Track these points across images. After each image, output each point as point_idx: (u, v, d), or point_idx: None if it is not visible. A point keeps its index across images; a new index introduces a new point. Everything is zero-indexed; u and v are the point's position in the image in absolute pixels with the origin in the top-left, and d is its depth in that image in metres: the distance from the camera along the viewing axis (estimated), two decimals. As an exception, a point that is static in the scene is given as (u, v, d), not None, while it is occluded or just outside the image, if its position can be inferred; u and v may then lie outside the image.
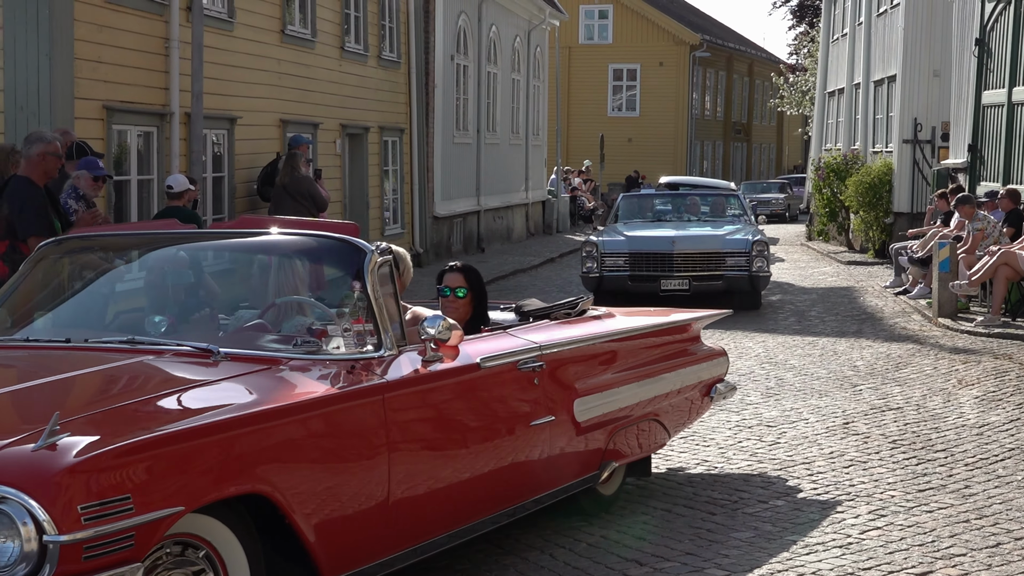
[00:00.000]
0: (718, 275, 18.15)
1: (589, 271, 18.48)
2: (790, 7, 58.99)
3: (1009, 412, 10.80)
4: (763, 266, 18.24)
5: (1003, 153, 19.69)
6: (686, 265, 18.12)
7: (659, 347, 8.16)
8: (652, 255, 18.34)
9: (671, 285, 17.99)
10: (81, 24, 13.66)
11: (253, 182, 18.05)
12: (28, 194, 9.47)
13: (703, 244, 18.52)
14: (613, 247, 18.61)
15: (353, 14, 22.19)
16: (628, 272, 18.33)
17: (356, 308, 5.89)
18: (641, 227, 19.94)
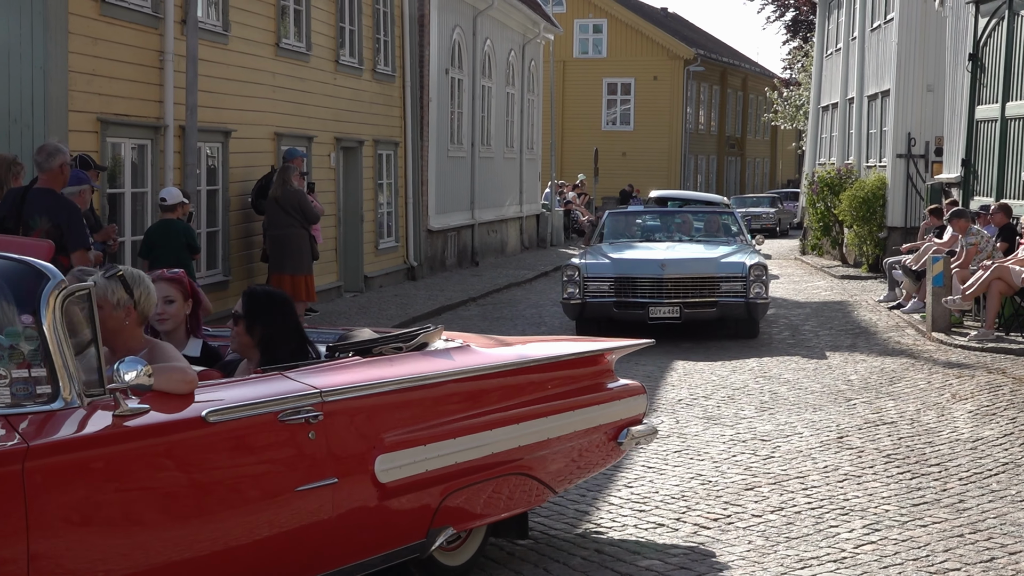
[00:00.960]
0: (711, 301, 16.58)
1: (570, 297, 16.80)
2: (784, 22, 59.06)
3: (1003, 426, 10.80)
4: (761, 292, 16.65)
5: (996, 168, 19.72)
6: (677, 291, 16.55)
7: (535, 386, 6.78)
8: (640, 280, 16.71)
9: (660, 312, 16.44)
10: (76, 37, 13.66)
11: (248, 195, 18.05)
12: (71, 207, 9.66)
13: (695, 268, 16.93)
14: (597, 271, 16.92)
15: (348, 27, 22.22)
16: (613, 298, 16.65)
17: (23, 349, 4.66)
18: (628, 248, 18.40)
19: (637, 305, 16.58)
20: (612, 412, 7.22)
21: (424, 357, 6.39)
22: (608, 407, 7.20)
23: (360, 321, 18.49)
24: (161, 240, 13.29)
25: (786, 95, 50.63)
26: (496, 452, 6.41)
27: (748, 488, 8.81)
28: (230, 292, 17.73)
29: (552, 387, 6.89)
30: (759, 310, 16.85)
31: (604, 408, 7.17)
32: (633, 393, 7.41)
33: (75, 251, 9.58)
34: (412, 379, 6.08)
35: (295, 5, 19.92)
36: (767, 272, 16.94)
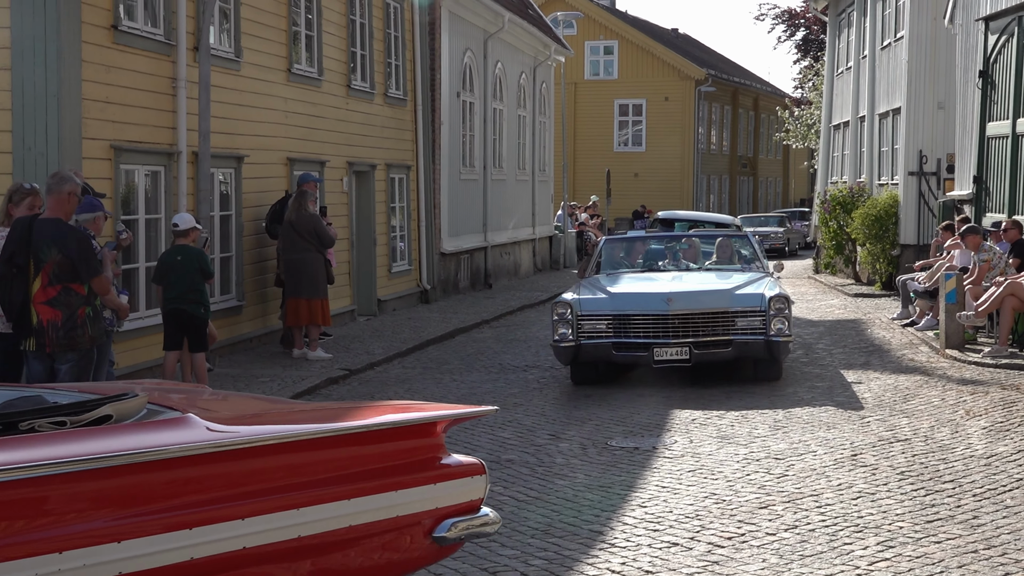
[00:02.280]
0: (726, 340, 14.40)
1: (562, 339, 14.56)
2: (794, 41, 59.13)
3: (1017, 442, 10.79)
4: (783, 328, 14.37)
5: (1008, 184, 19.72)
6: (686, 328, 14.38)
7: (284, 471, 4.88)
8: (642, 317, 14.51)
9: (667, 354, 14.32)
10: (89, 65, 13.76)
11: (261, 220, 18.13)
12: (79, 235, 9.70)
13: (707, 301, 14.66)
14: (592, 307, 14.70)
15: (359, 52, 22.33)
16: (612, 339, 14.50)
17: None
18: (629, 280, 16.14)
19: (640, 346, 14.42)
20: (424, 499, 5.29)
21: (97, 436, 4.63)
22: (414, 494, 5.25)
23: (374, 345, 18.56)
24: (175, 266, 13.35)
25: (797, 114, 50.66)
26: (199, 557, 4.55)
27: (762, 506, 8.82)
28: (244, 317, 17.81)
29: (318, 472, 5.00)
30: (782, 349, 14.54)
31: (407, 495, 5.22)
32: (464, 474, 5.50)
33: (90, 279, 9.64)
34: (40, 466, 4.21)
35: (307, 31, 20.04)
36: (790, 305, 14.65)
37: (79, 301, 9.63)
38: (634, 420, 12.51)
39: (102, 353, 10.59)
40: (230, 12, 17.40)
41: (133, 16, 14.96)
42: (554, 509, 8.94)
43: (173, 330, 13.49)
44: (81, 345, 9.70)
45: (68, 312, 9.62)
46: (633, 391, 14.29)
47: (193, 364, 13.59)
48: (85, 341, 9.70)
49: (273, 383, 15.01)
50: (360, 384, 15.67)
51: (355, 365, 16.70)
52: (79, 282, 9.61)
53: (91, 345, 9.78)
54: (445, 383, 15.57)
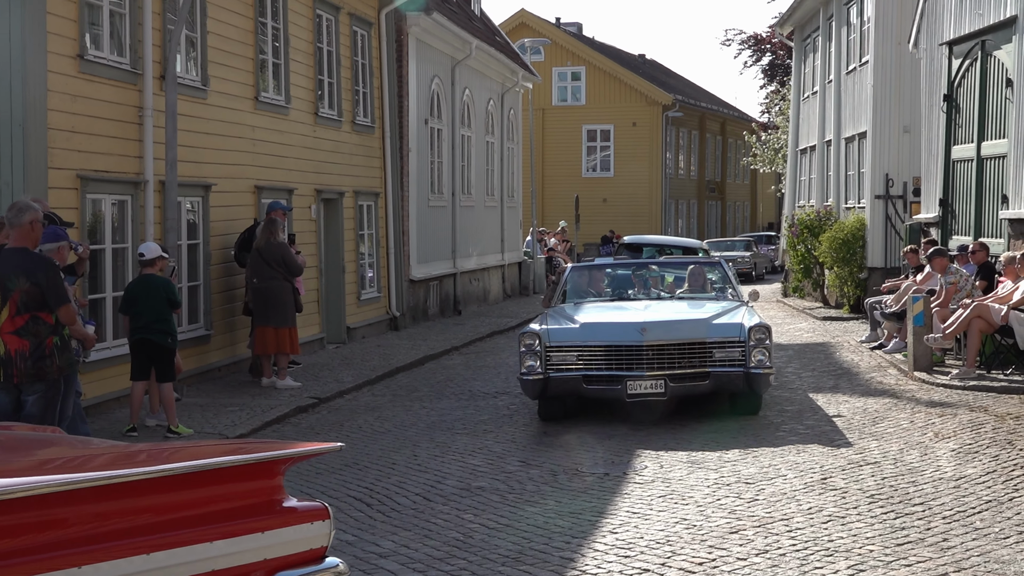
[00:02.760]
0: (703, 372, 13.65)
1: (530, 371, 13.78)
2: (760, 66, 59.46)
3: (985, 464, 10.83)
4: (764, 360, 13.72)
5: (974, 207, 19.85)
6: (661, 360, 13.62)
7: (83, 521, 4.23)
8: (615, 348, 13.72)
9: (641, 387, 13.57)
10: (54, 94, 13.71)
11: (229, 248, 18.07)
12: (47, 263, 9.63)
13: (683, 331, 13.88)
14: (562, 338, 13.92)
15: (327, 80, 22.32)
16: (583, 371, 13.74)
17: None
18: (598, 309, 15.37)
19: (612, 379, 13.67)
20: (255, 548, 4.72)
21: None
22: (242, 543, 4.66)
23: (343, 373, 18.49)
24: (141, 295, 13.27)
25: (764, 139, 50.90)
26: None
27: (733, 531, 8.81)
28: (212, 346, 17.72)
29: (121, 521, 4.35)
30: (762, 382, 13.86)
31: (234, 544, 4.63)
32: (304, 519, 4.97)
33: (58, 308, 9.56)
34: None
35: (274, 59, 20.02)
36: (770, 335, 14.01)
37: (47, 330, 9.55)
38: (604, 446, 12.50)
39: (69, 384, 10.51)
40: (197, 40, 17.38)
41: (99, 45, 14.92)
42: (525, 536, 8.92)
43: (140, 360, 13.40)
44: (49, 375, 9.61)
45: (36, 341, 9.54)
46: (602, 417, 14.28)
47: (160, 394, 13.51)
48: (53, 371, 9.61)
49: (242, 412, 14.94)
50: (329, 412, 15.61)
51: (324, 393, 16.63)
52: (47, 311, 9.53)
53: (59, 375, 9.68)
54: (415, 410, 15.53)
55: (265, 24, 19.64)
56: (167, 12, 16.29)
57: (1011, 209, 17.95)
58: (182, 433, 13.34)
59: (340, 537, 9.10)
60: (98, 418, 14.02)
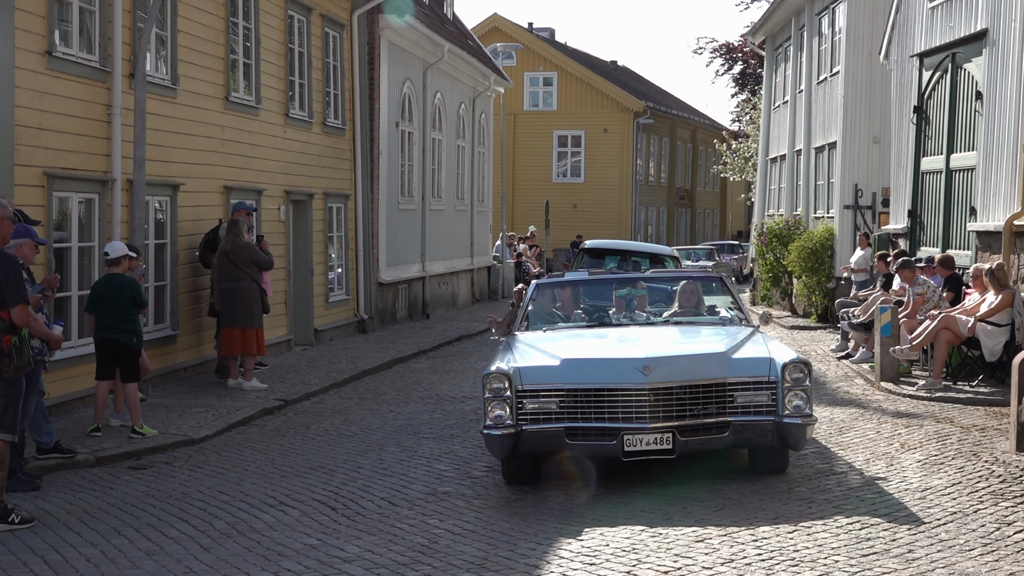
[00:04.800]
0: (723, 423, 10.55)
1: (497, 423, 10.57)
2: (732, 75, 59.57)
3: (951, 476, 10.85)
4: (802, 406, 10.58)
5: (942, 219, 19.93)
6: (668, 407, 10.50)
7: None
8: (609, 392, 10.54)
9: (642, 443, 10.42)
10: (22, 91, 13.60)
11: (195, 249, 17.96)
12: (8, 261, 9.48)
13: (696, 368, 10.72)
14: (538, 379, 10.71)
15: (298, 81, 22.24)
16: (566, 422, 10.55)
17: None
18: (578, 339, 12.01)
19: (605, 432, 10.51)
20: None
21: None
22: None
23: (310, 375, 18.42)
24: (107, 294, 13.18)
25: (735, 147, 51.01)
26: None
27: (699, 540, 8.79)
28: (178, 346, 17.62)
29: None
30: (799, 435, 10.61)
31: None
32: None
33: (14, 306, 9.40)
34: None
35: (244, 59, 19.93)
36: (810, 374, 10.77)
37: (4, 328, 9.40)
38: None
39: (31, 383, 10.40)
40: (167, 39, 17.28)
41: (68, 42, 14.81)
42: (490, 542, 8.88)
43: (105, 360, 13.31)
44: (5, 375, 9.47)
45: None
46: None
47: (125, 394, 13.42)
48: (10, 371, 9.44)
49: (207, 413, 14.85)
50: (295, 415, 15.53)
51: (291, 395, 16.55)
52: (5, 309, 9.39)
53: (16, 375, 9.52)
54: (382, 413, 15.47)
55: (236, 24, 19.55)
56: (137, 10, 16.19)
57: (979, 221, 18.03)
58: (146, 434, 13.25)
59: (304, 541, 9.04)
60: (62, 417, 13.90)
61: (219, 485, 11.23)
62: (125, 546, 9.01)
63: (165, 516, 9.96)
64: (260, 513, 10.01)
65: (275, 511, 10.07)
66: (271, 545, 8.96)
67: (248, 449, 13.22)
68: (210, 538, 9.22)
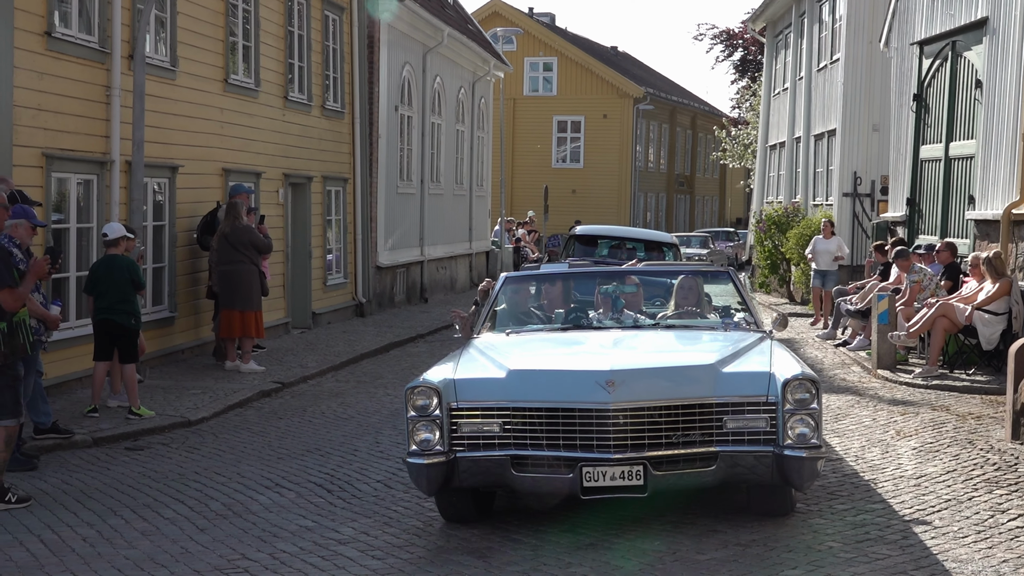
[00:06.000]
0: (709, 454, 8.43)
1: (424, 449, 8.58)
2: (732, 62, 59.56)
3: (946, 463, 10.87)
4: (807, 434, 8.44)
5: (941, 207, 19.93)
6: (638, 433, 8.39)
7: None
8: (564, 412, 8.44)
9: (606, 477, 8.33)
10: (21, 71, 13.58)
11: (194, 231, 17.96)
12: None
13: (674, 384, 8.62)
14: (478, 394, 8.70)
15: (297, 64, 22.22)
16: (512, 449, 8.49)
17: None
18: (542, 344, 9.97)
19: (559, 463, 8.42)
20: None
21: None
22: None
23: (308, 358, 18.43)
24: (105, 276, 13.18)
25: (734, 134, 51.01)
26: None
27: (692, 525, 8.80)
28: (176, 328, 17.63)
29: None
30: (804, 471, 8.47)
31: None
32: None
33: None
34: None
35: (244, 41, 19.91)
36: (819, 393, 8.59)
37: None
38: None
39: (30, 364, 10.41)
40: (166, 21, 17.26)
41: (67, 23, 14.79)
42: (487, 525, 8.88)
43: (103, 341, 13.32)
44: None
45: None
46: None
47: (123, 375, 13.43)
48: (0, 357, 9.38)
49: (204, 395, 14.87)
50: (293, 397, 15.55)
51: (288, 378, 16.57)
52: None
53: (3, 360, 9.41)
54: (379, 397, 15.49)
55: (236, 6, 19.53)
56: (137, -9, 16.17)
57: (977, 210, 18.04)
58: (143, 415, 13.27)
59: (300, 523, 9.07)
60: (59, 398, 13.92)
61: (215, 467, 11.25)
62: (121, 526, 9.04)
63: (161, 497, 9.98)
64: (256, 495, 10.03)
65: (271, 493, 10.09)
66: (267, 527, 8.99)
67: (245, 431, 13.25)
68: (206, 519, 9.25)
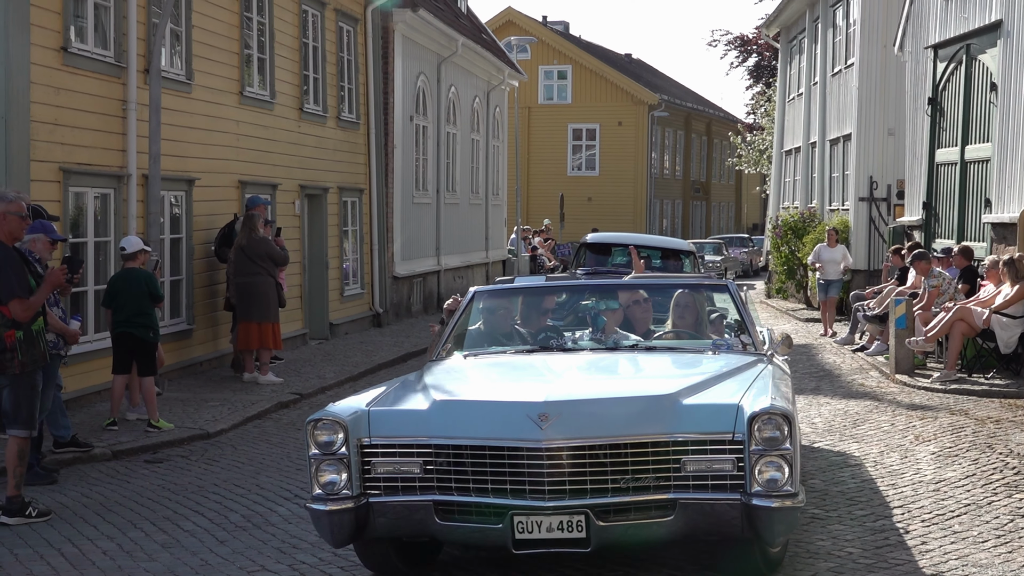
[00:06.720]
0: (666, 502, 7.08)
1: (329, 493, 7.42)
2: (746, 67, 59.50)
3: (965, 468, 10.85)
4: (779, 479, 7.04)
5: (957, 210, 19.90)
6: (579, 476, 7.10)
7: None
8: (493, 451, 7.18)
9: (541, 528, 7.07)
10: (38, 87, 13.65)
11: (211, 243, 18.02)
12: (2, 256, 9.34)
13: (621, 419, 7.23)
14: (393, 428, 7.49)
15: (312, 76, 22.28)
16: (435, 494, 7.27)
17: None
18: (491, 370, 8.71)
19: (487, 511, 7.18)
20: None
21: None
22: None
23: (325, 369, 18.46)
24: (123, 289, 13.24)
25: (750, 139, 50.95)
26: None
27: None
28: (194, 340, 17.68)
29: None
30: (776, 522, 7.08)
31: None
32: None
33: (8, 301, 9.28)
34: None
35: (259, 54, 19.98)
36: (792, 429, 7.10)
37: (4, 324, 9.35)
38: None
39: (49, 377, 10.45)
40: (181, 34, 17.33)
41: (83, 38, 14.87)
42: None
43: (121, 354, 13.37)
44: (8, 370, 9.37)
45: None
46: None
47: (141, 388, 13.48)
48: (13, 367, 9.36)
49: (223, 407, 14.91)
50: (311, 408, 15.57)
51: (306, 389, 16.61)
52: (4, 304, 9.36)
53: (21, 371, 9.40)
54: (396, 408, 15.48)
55: (251, 19, 19.60)
56: (152, 5, 16.24)
57: (994, 213, 18.00)
58: (162, 428, 13.31)
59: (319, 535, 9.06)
60: (79, 411, 13.98)
61: (235, 478, 11.28)
62: (141, 539, 9.07)
63: (181, 509, 10.01)
64: (275, 506, 10.06)
65: (290, 504, 10.11)
66: (286, 538, 9.01)
67: (263, 443, 13.28)
68: (225, 531, 9.27)
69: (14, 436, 9.57)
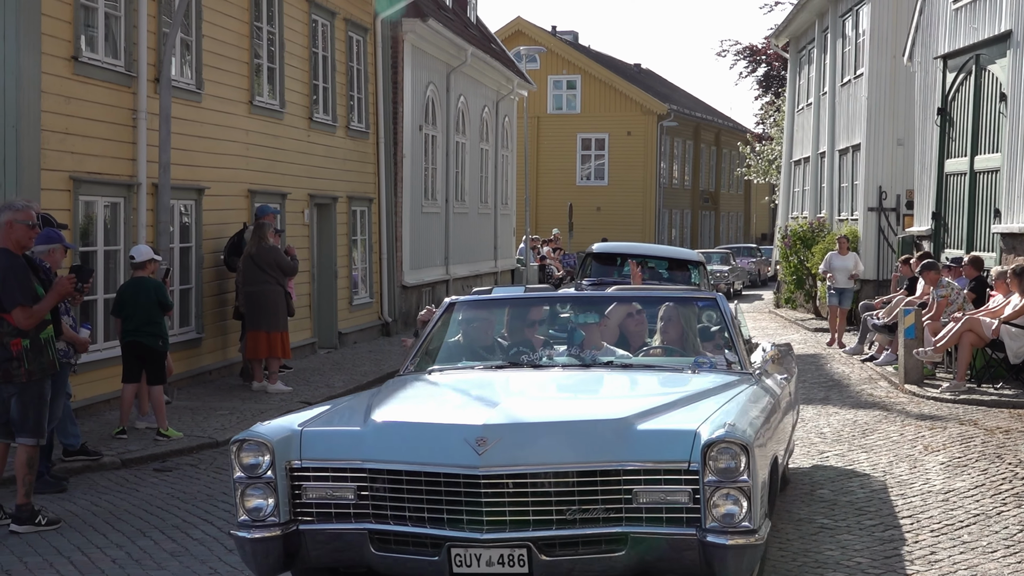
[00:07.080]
0: (615, 536, 6.48)
1: (255, 520, 6.88)
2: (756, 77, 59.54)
3: (974, 478, 10.84)
4: (737, 514, 6.41)
5: (966, 220, 19.89)
6: (520, 507, 6.54)
7: None
8: (429, 477, 6.62)
9: (481, 562, 6.50)
10: (48, 96, 13.69)
11: (220, 252, 18.05)
12: (6, 264, 9.37)
13: (567, 444, 6.63)
14: (327, 450, 6.94)
15: (322, 85, 22.32)
16: (370, 522, 6.74)
17: None
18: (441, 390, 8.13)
19: (424, 542, 6.64)
20: None
21: None
22: None
23: (334, 378, 18.48)
24: (132, 298, 13.26)
25: (759, 149, 50.96)
26: None
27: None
28: (203, 349, 17.71)
29: None
30: (727, 562, 6.42)
31: None
32: None
33: (11, 309, 9.27)
34: None
35: (269, 63, 20.02)
36: (751, 458, 6.45)
37: (10, 332, 9.37)
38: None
39: (58, 386, 10.47)
40: (191, 44, 17.37)
41: (94, 47, 14.91)
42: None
43: (131, 362, 13.39)
44: (15, 379, 9.36)
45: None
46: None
47: (151, 397, 13.49)
48: (20, 375, 9.35)
49: (232, 416, 14.92)
50: (320, 417, 15.58)
51: (315, 398, 16.60)
52: (7, 312, 9.32)
53: (28, 379, 9.39)
54: (405, 417, 15.48)
55: (260, 28, 19.65)
56: (162, 15, 16.29)
57: (1003, 223, 17.99)
58: (171, 436, 13.32)
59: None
60: (88, 420, 14.00)
61: (244, 487, 11.27)
62: (150, 547, 9.08)
63: (190, 518, 10.03)
64: (284, 515, 10.05)
65: (299, 513, 10.10)
66: (295, 546, 9.00)
67: (272, 451, 13.26)
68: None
69: (23, 444, 9.59)
